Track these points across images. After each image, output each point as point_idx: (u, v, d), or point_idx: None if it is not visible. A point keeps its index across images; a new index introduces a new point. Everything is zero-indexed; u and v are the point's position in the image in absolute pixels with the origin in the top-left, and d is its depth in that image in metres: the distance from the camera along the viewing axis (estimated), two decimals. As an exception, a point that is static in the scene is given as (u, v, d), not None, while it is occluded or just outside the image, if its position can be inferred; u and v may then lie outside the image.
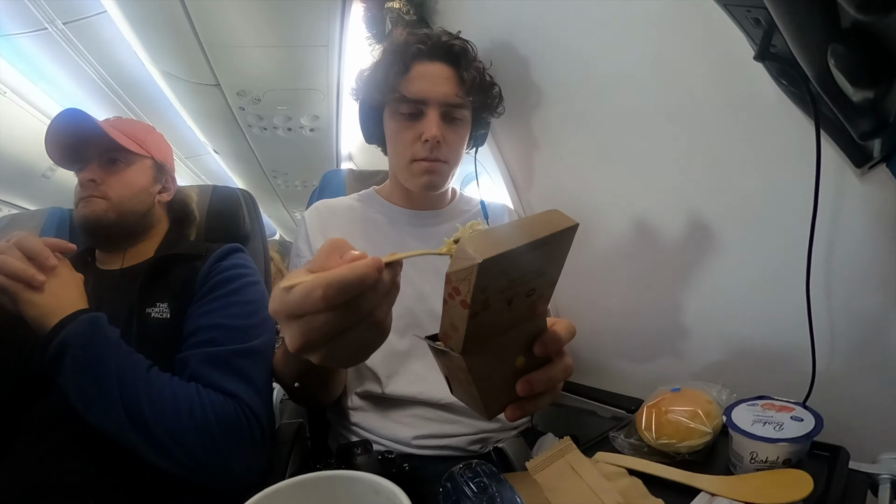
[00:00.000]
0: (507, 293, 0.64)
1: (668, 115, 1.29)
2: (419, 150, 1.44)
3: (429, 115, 1.42)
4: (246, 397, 1.20)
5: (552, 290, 0.72)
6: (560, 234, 0.64)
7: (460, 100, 1.45)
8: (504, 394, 0.74)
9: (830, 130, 0.95)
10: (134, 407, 1.07)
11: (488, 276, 0.58)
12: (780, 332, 1.22)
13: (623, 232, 1.54)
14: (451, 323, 0.65)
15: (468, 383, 0.71)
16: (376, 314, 0.62)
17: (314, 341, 0.59)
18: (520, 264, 0.62)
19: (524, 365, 0.75)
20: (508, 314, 0.67)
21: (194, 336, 1.27)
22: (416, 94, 1.42)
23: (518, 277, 0.63)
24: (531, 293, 0.68)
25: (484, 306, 0.62)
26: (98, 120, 1.42)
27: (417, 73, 1.45)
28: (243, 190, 2.07)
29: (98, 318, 1.14)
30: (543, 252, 0.63)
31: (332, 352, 0.62)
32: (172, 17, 2.58)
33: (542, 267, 0.66)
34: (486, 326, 0.66)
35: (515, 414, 0.74)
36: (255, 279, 1.44)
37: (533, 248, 0.61)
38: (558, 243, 0.65)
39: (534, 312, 0.72)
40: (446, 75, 1.46)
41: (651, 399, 1.15)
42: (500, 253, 0.57)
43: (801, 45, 0.75)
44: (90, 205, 1.40)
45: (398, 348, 1.42)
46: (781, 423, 0.95)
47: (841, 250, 1.06)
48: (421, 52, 1.45)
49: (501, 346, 0.71)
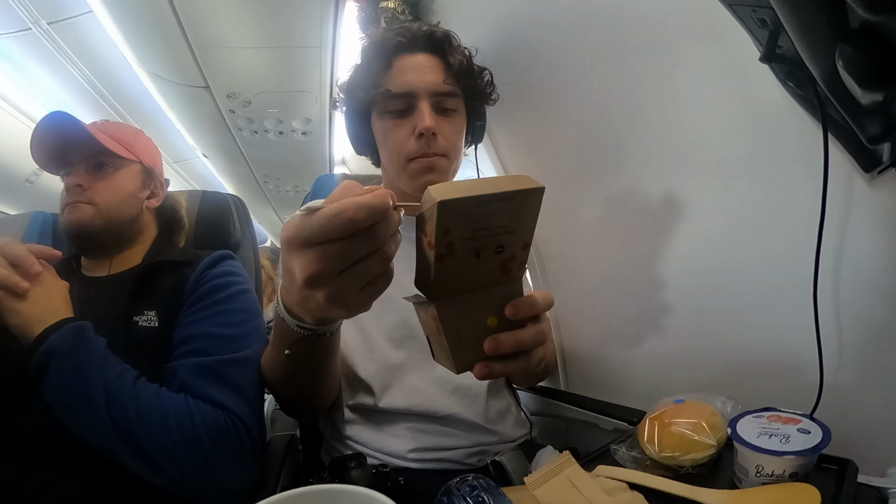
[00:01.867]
0: (473, 243, 0.69)
1: (671, 119, 1.30)
2: (414, 147, 1.39)
3: (420, 107, 1.39)
4: (236, 408, 1.20)
5: (525, 254, 0.77)
6: (524, 192, 0.69)
7: (450, 87, 1.43)
8: (474, 351, 0.78)
9: (838, 134, 0.94)
10: (121, 418, 1.06)
11: (450, 218, 0.64)
12: (786, 341, 1.21)
13: (624, 239, 1.54)
14: (423, 267, 0.71)
15: (439, 334, 0.77)
16: (387, 249, 0.67)
17: (328, 270, 0.65)
18: (482, 213, 0.66)
19: (496, 326, 0.79)
20: (479, 269, 0.72)
21: (183, 345, 1.27)
22: (402, 87, 1.39)
23: (482, 228, 0.68)
24: (500, 249, 0.72)
25: (449, 250, 0.67)
26: (85, 123, 1.41)
27: (401, 66, 1.42)
28: (233, 195, 2.06)
29: (84, 327, 1.14)
30: (507, 207, 0.68)
31: (340, 287, 0.68)
32: (161, 18, 2.58)
33: (507, 223, 0.70)
34: (456, 276, 0.71)
35: (482, 371, 0.77)
36: (245, 287, 1.44)
37: (494, 199, 0.66)
38: (523, 202, 0.70)
39: (507, 274, 0.77)
40: (431, 64, 1.43)
41: (653, 411, 1.15)
42: (460, 197, 0.63)
43: (808, 46, 0.75)
44: (76, 210, 1.40)
45: (393, 360, 1.41)
46: (788, 436, 0.94)
47: (849, 257, 1.05)
48: (401, 44, 1.43)
49: (474, 303, 0.76)
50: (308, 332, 0.97)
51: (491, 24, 1.68)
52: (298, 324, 0.96)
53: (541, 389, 1.88)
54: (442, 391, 1.41)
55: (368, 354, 1.42)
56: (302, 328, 0.97)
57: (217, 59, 2.98)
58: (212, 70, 3.10)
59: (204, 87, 3.29)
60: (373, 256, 0.66)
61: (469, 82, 1.49)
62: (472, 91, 1.51)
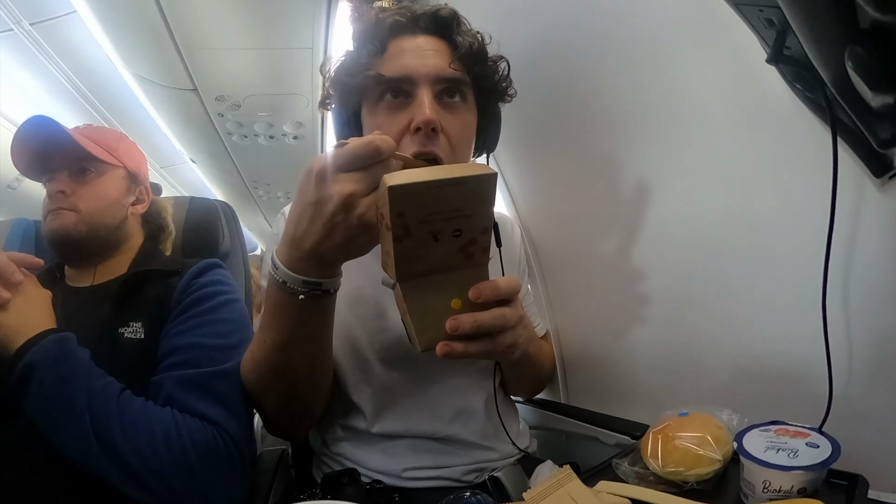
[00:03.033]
0: (429, 226, 0.79)
1: (675, 123, 1.30)
2: (408, 146, 1.17)
3: (419, 95, 1.20)
4: (225, 423, 1.19)
5: (486, 239, 0.86)
6: (475, 178, 0.78)
7: (457, 73, 1.24)
8: (437, 331, 0.86)
9: (848, 138, 0.94)
10: (105, 433, 1.05)
11: (402, 202, 0.75)
12: (794, 352, 1.21)
13: (627, 247, 1.54)
14: (386, 249, 0.82)
15: (405, 312, 0.87)
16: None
17: (360, 191, 0.84)
18: (434, 198, 0.77)
19: (460, 309, 0.88)
20: (439, 252, 0.83)
21: (170, 357, 1.26)
22: (398, 70, 1.22)
23: (436, 212, 0.78)
24: (458, 233, 0.82)
25: (406, 232, 0.78)
26: (67, 128, 1.42)
27: (398, 48, 1.26)
28: (222, 202, 2.07)
29: (67, 339, 1.13)
30: (459, 193, 0.78)
31: (370, 205, 0.84)
32: (147, 18, 2.58)
33: (461, 207, 0.79)
34: (416, 257, 0.82)
35: (443, 349, 0.85)
36: (235, 297, 1.44)
37: (445, 184, 0.76)
38: (475, 187, 0.80)
39: (470, 259, 0.86)
40: (435, 47, 1.26)
41: (657, 424, 1.14)
42: (411, 182, 0.74)
43: (816, 47, 0.75)
44: (59, 218, 1.40)
45: (386, 383, 1.38)
46: (796, 450, 0.94)
47: (859, 265, 1.04)
48: (399, 25, 1.27)
49: (437, 284, 0.86)
50: (313, 286, 1.00)
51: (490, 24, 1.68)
52: (305, 278, 0.98)
53: (540, 402, 1.87)
54: (438, 413, 1.40)
55: (361, 376, 1.39)
56: (308, 284, 0.99)
57: (205, 60, 2.98)
58: (200, 72, 3.10)
59: (192, 89, 3.29)
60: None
61: (480, 70, 1.31)
62: (483, 81, 1.33)
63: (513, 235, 1.68)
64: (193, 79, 3.16)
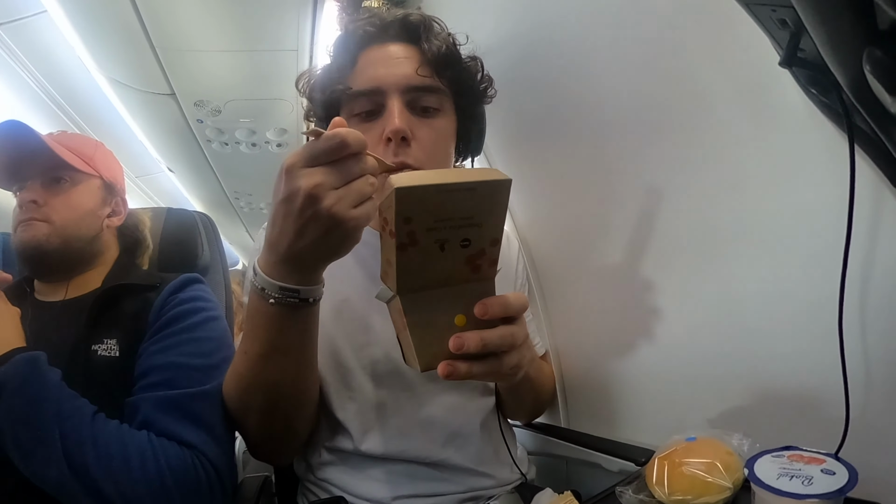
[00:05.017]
0: (436, 234, 0.76)
1: (683, 129, 1.30)
2: (384, 156, 1.17)
3: (389, 105, 1.26)
4: (204, 447, 1.20)
5: (496, 251, 0.83)
6: (487, 183, 0.75)
7: (427, 79, 1.30)
8: (440, 349, 0.82)
9: (866, 145, 0.93)
10: (77, 458, 1.05)
11: (409, 206, 0.72)
12: (808, 373, 1.20)
13: (631, 262, 1.54)
14: (387, 258, 0.79)
15: (403, 328, 0.83)
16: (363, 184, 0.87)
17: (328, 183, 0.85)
18: (443, 203, 0.74)
19: (464, 325, 0.84)
20: (445, 263, 0.79)
21: (146, 377, 1.27)
22: (368, 83, 1.29)
23: (445, 219, 0.75)
24: (466, 243, 0.79)
25: (411, 240, 0.75)
26: (41, 134, 1.42)
27: (367, 59, 1.33)
28: (201, 213, 2.08)
29: (37, 358, 1.14)
30: (470, 199, 0.75)
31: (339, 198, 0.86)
32: (122, 18, 2.57)
33: (472, 215, 0.76)
34: (420, 268, 0.79)
35: (446, 370, 0.81)
36: (215, 314, 1.44)
37: (455, 188, 0.73)
38: (487, 194, 0.76)
39: (477, 272, 0.83)
40: (404, 54, 1.32)
41: (663, 450, 1.14)
42: (420, 184, 0.71)
43: (832, 49, 0.73)
44: (31, 229, 1.40)
45: (373, 399, 1.38)
46: (811, 477, 0.94)
47: (878, 280, 1.03)
48: (369, 35, 1.34)
49: (440, 298, 0.83)
50: (290, 293, 1.00)
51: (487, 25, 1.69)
52: (282, 284, 0.99)
53: (539, 426, 1.87)
54: (429, 434, 1.39)
55: (347, 392, 1.38)
56: (285, 290, 1.00)
57: (183, 63, 2.97)
58: (178, 76, 3.09)
59: (169, 94, 3.28)
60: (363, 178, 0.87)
61: (453, 74, 1.36)
62: (458, 85, 1.38)
63: (510, 249, 1.69)
64: (171, 83, 3.15)
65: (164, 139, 4.09)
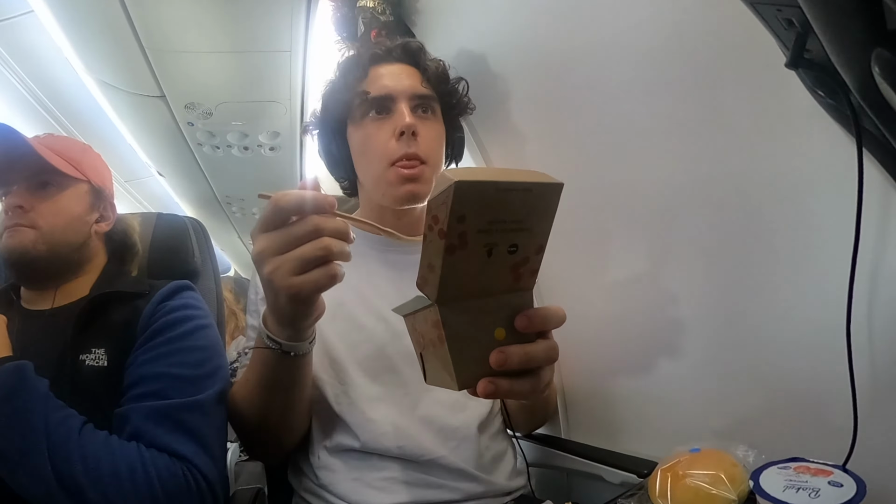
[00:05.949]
0: (487, 237, 0.70)
1: (688, 133, 1.30)
2: (395, 148, 1.49)
3: (399, 107, 1.52)
4: (196, 459, 1.20)
5: (538, 259, 0.77)
6: (543, 185, 0.70)
7: (427, 90, 1.58)
8: (478, 365, 0.76)
9: (874, 148, 0.93)
10: (65, 470, 1.05)
11: (466, 203, 0.65)
12: (815, 383, 1.20)
13: (633, 268, 1.54)
14: (429, 263, 0.72)
15: (440, 342, 0.75)
16: (326, 241, 0.89)
17: (268, 250, 0.90)
18: (499, 203, 0.68)
19: (504, 339, 0.78)
20: (489, 270, 0.73)
21: (136, 387, 1.27)
22: (381, 90, 1.53)
23: (498, 221, 0.69)
24: (514, 249, 0.73)
25: (461, 242, 0.68)
26: (27, 137, 1.42)
27: (377, 73, 1.58)
28: (192, 218, 2.07)
29: (23, 367, 1.13)
30: (525, 201, 0.70)
31: (277, 265, 0.90)
32: (110, 18, 2.55)
33: (523, 218, 0.71)
34: (465, 275, 0.72)
35: (488, 388, 0.76)
36: (206, 322, 1.44)
37: (513, 188, 0.68)
38: (541, 197, 0.71)
39: (518, 281, 0.77)
40: (408, 72, 1.59)
41: (666, 461, 1.14)
42: (480, 180, 0.66)
43: (840, 50, 0.73)
44: (16, 235, 1.40)
45: (369, 394, 1.43)
46: (818, 489, 0.94)
47: (887, 287, 1.03)
48: (377, 55, 1.60)
49: (481, 310, 0.76)
50: (275, 344, 1.11)
51: (484, 22, 1.70)
52: (269, 334, 1.10)
53: (538, 437, 1.87)
54: (426, 431, 1.42)
55: (341, 388, 1.44)
56: (271, 340, 1.11)
57: (174, 64, 2.96)
58: (168, 77, 3.08)
59: (159, 96, 3.27)
60: (312, 243, 0.88)
61: (444, 89, 1.65)
62: (448, 98, 1.67)
63: None
64: (161, 84, 3.14)
65: (153, 142, 4.07)
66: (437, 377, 0.81)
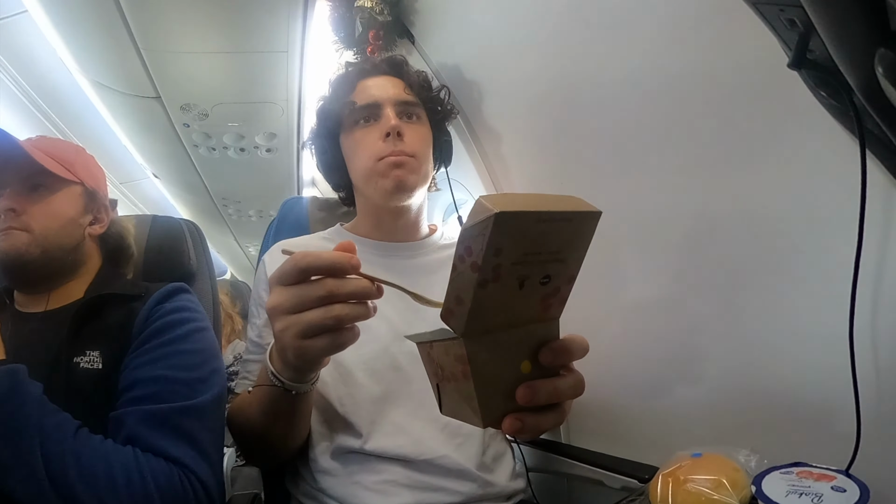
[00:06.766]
0: (521, 269, 0.65)
1: (689, 134, 1.31)
2: (382, 148, 1.59)
3: (385, 113, 1.63)
4: (192, 463, 1.20)
5: (569, 289, 0.74)
6: (583, 215, 0.66)
7: (411, 97, 1.70)
8: (504, 400, 0.74)
9: (878, 149, 0.93)
10: (59, 475, 1.05)
11: (504, 235, 0.60)
12: (818, 387, 1.20)
13: (633, 272, 1.54)
14: (458, 296, 0.67)
15: (465, 378, 0.72)
16: (336, 308, 0.87)
17: (279, 307, 0.89)
18: (539, 234, 0.64)
19: (529, 372, 0.75)
20: (519, 302, 0.69)
21: (131, 391, 1.27)
22: (367, 99, 1.66)
23: (534, 252, 0.65)
24: (546, 280, 0.69)
25: (495, 275, 0.64)
26: (19, 139, 1.42)
27: (364, 86, 1.70)
28: (188, 220, 2.08)
29: (16, 371, 1.13)
30: (563, 230, 0.66)
31: (286, 325, 0.89)
32: (105, 19, 2.56)
33: (560, 248, 0.68)
34: (495, 308, 0.67)
35: (514, 426, 0.73)
36: (202, 325, 1.44)
37: (552, 219, 0.64)
38: (579, 226, 0.67)
39: (547, 311, 0.74)
40: (392, 82, 1.72)
41: (667, 466, 1.14)
42: (521, 210, 0.60)
43: (843, 51, 0.73)
44: (9, 238, 1.39)
45: (372, 393, 1.44)
46: (821, 495, 0.94)
47: (891, 290, 1.03)
48: (364, 70, 1.76)
49: (506, 344, 0.72)
50: (279, 381, 1.11)
51: (482, 22, 1.71)
52: (273, 371, 1.11)
53: (538, 442, 1.87)
54: (430, 429, 1.43)
55: (346, 390, 1.44)
56: (275, 376, 1.11)
57: (169, 65, 2.96)
58: (163, 78, 3.08)
59: (154, 97, 3.27)
60: (316, 309, 0.86)
61: (427, 96, 1.78)
62: (432, 104, 1.79)
63: None
64: (156, 85, 3.14)
65: (148, 144, 4.07)
66: (456, 410, 0.78)
